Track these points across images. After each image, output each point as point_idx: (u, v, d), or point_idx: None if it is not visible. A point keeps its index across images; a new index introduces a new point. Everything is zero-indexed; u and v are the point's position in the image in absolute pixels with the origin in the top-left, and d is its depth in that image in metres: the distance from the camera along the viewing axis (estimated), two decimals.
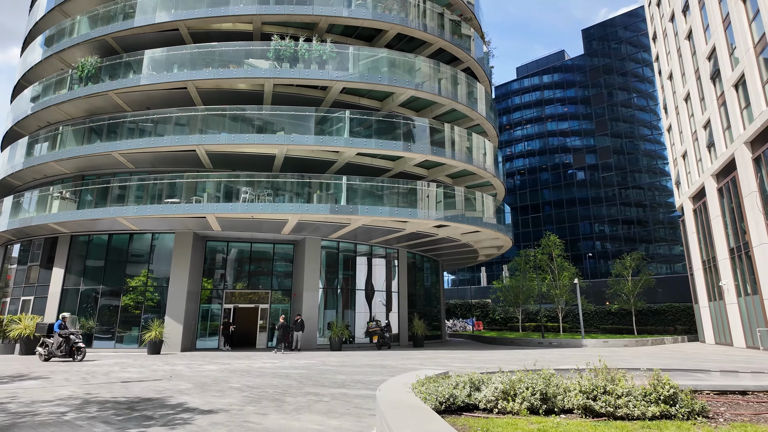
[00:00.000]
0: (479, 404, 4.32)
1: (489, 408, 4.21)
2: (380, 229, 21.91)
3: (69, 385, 8.92)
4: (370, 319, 23.90)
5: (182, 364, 13.56)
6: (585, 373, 4.67)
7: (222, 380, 9.72)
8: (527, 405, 4.14)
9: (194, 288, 21.13)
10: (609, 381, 4.23)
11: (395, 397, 4.38)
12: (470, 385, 4.51)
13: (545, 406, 4.20)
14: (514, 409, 4.10)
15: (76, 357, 15.03)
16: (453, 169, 23.33)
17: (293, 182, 20.45)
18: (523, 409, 4.09)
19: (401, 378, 6.02)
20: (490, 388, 4.29)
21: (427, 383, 4.94)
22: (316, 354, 17.92)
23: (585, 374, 4.58)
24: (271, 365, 13.19)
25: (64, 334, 15.06)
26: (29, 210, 21.51)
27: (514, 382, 4.33)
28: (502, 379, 4.44)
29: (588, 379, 4.26)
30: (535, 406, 4.17)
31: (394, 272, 26.03)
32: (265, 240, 23.39)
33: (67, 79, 22.08)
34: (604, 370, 4.41)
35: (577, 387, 4.22)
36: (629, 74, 57.96)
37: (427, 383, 4.97)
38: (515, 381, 4.33)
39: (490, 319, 43.30)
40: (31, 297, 21.83)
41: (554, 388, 4.30)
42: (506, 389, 4.25)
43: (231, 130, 20.02)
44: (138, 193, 20.15)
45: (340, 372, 11.23)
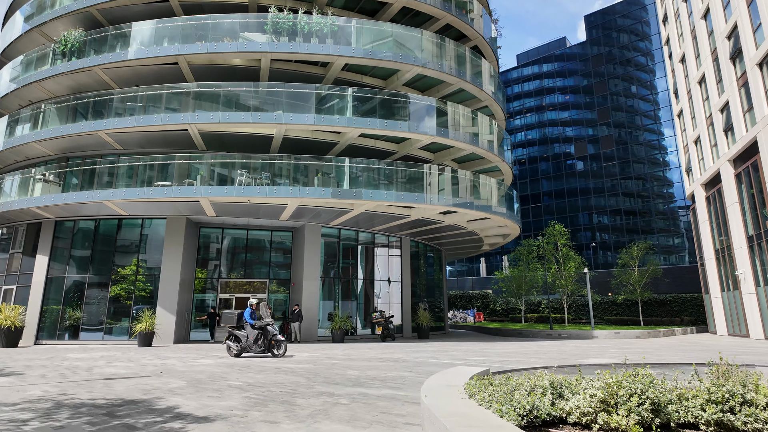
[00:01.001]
0: (568, 417, 3.26)
1: (584, 423, 3.15)
2: (384, 215, 20.80)
3: (43, 383, 7.78)
4: (373, 309, 22.87)
5: (175, 358, 12.45)
6: (690, 373, 3.61)
7: (219, 377, 8.61)
8: (636, 419, 3.07)
9: (187, 277, 19.95)
10: (740, 385, 3.17)
11: (454, 407, 3.30)
12: (551, 391, 3.45)
13: (658, 420, 3.15)
14: (621, 425, 3.04)
15: (276, 352, 12.57)
16: (460, 153, 22.20)
17: (292, 165, 19.24)
18: (632, 424, 3.02)
19: (443, 378, 4.94)
20: (584, 397, 3.22)
21: (488, 387, 3.86)
22: (318, 346, 16.87)
23: (692, 374, 3.52)
24: (272, 359, 12.10)
25: (259, 325, 12.50)
26: (11, 194, 20.16)
27: (612, 387, 3.25)
28: (596, 383, 3.36)
29: (713, 383, 3.21)
30: (646, 419, 3.11)
31: (396, 261, 24.97)
32: (262, 227, 22.21)
33: (49, 55, 20.59)
34: (734, 369, 3.36)
35: (702, 395, 3.16)
36: (632, 63, 56.92)
37: (486, 387, 3.88)
38: (614, 385, 3.25)
39: (491, 310, 42.50)
40: (14, 286, 20.55)
41: (666, 394, 3.24)
42: (605, 397, 3.18)
43: (226, 108, 18.70)
44: (127, 176, 18.86)
45: (350, 367, 10.16)
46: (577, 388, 3.45)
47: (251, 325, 12.52)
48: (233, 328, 12.82)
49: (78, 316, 19.39)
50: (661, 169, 54.73)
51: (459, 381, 4.53)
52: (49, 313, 19.59)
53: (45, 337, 19.28)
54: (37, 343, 19.03)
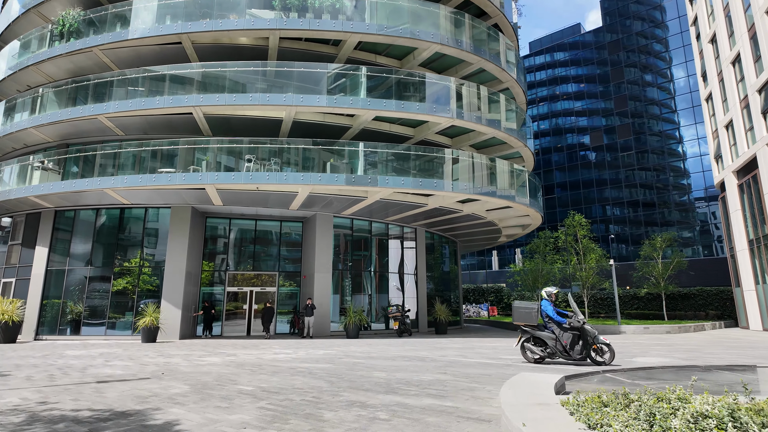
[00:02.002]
0: None
1: None
2: (399, 204, 19.62)
3: (26, 388, 6.74)
4: (388, 303, 21.78)
5: (179, 356, 11.42)
6: None
7: (228, 379, 7.53)
8: None
9: (194, 269, 18.94)
10: None
11: None
12: (733, 424, 2.29)
13: None
14: None
15: (600, 359, 9.32)
16: (479, 138, 20.92)
17: (303, 150, 18.10)
18: None
19: (522, 391, 3.78)
20: None
21: (601, 408, 2.69)
22: (332, 342, 15.79)
23: None
24: (284, 357, 11.03)
25: (573, 324, 9.41)
26: (9, 183, 19.22)
27: None
28: None
29: None
30: None
31: (411, 253, 23.82)
32: (272, 217, 21.14)
33: (47, 36, 19.54)
34: None
35: None
36: (649, 50, 55.03)
37: (600, 408, 2.72)
38: None
39: (505, 304, 41.34)
40: (13, 279, 19.66)
41: None
42: None
43: (232, 90, 17.55)
44: (129, 163, 17.82)
45: (374, 368, 9.04)
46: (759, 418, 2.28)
47: (560, 323, 9.58)
48: (532, 328, 9.89)
49: (79, 310, 18.48)
50: (678, 159, 52.99)
51: (546, 395, 3.38)
52: (50, 307, 18.69)
53: (46, 332, 18.39)
54: (37, 338, 18.15)
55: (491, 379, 7.46)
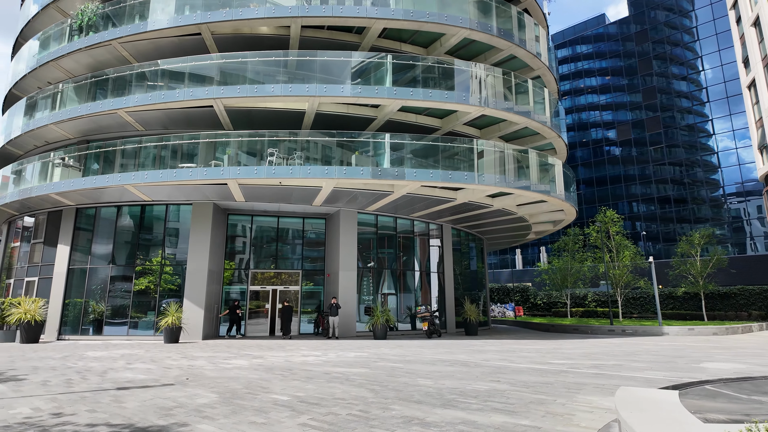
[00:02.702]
0: None
1: None
2: (426, 199, 18.74)
3: (40, 395, 6.09)
4: (416, 303, 20.93)
5: (203, 358, 10.77)
6: None
7: (259, 386, 6.78)
8: None
9: (216, 267, 18.40)
10: None
11: None
12: None
13: None
14: None
15: None
16: (510, 129, 19.88)
17: (327, 143, 17.37)
18: None
19: (643, 411, 2.88)
20: None
21: None
22: (360, 343, 15.00)
23: None
24: (315, 360, 10.27)
25: None
26: (30, 180, 18.97)
27: None
28: None
29: None
30: None
31: (438, 251, 22.92)
32: (294, 213, 20.49)
33: (66, 31, 19.24)
34: None
35: None
36: (678, 41, 52.88)
37: None
38: None
39: (531, 304, 40.04)
40: (35, 278, 19.42)
41: None
42: None
43: (253, 82, 16.92)
44: (149, 159, 17.36)
45: (415, 373, 8.20)
46: None
47: None
48: None
49: (102, 309, 18.10)
50: (710, 153, 50.82)
51: (682, 421, 2.46)
52: (72, 306, 18.37)
53: (68, 332, 18.07)
54: (59, 338, 17.84)
55: (555, 388, 6.55)
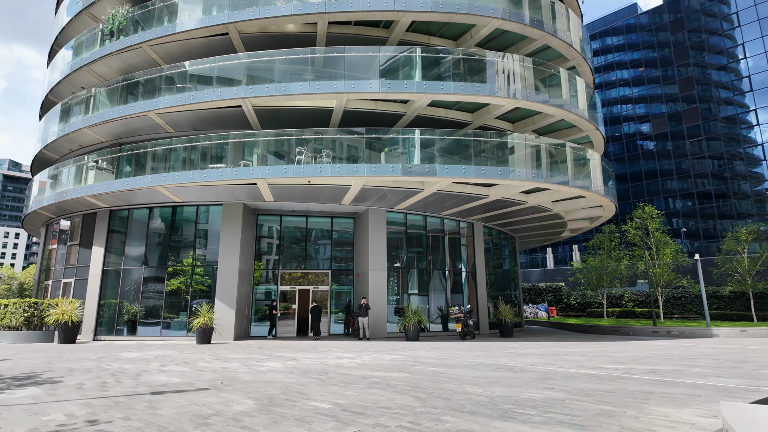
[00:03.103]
0: None
1: None
2: (458, 196, 18.16)
3: (74, 399, 5.90)
4: (447, 303, 20.37)
5: (236, 360, 10.54)
6: None
7: (296, 392, 6.43)
8: None
9: (246, 268, 18.31)
10: None
11: None
12: None
13: None
14: None
15: None
16: (545, 121, 19.08)
17: (356, 141, 17.02)
18: None
19: None
20: None
21: None
22: (393, 345, 14.57)
23: None
24: (350, 362, 9.89)
25: None
26: (66, 184, 19.35)
27: None
28: None
29: None
30: None
31: (469, 249, 22.28)
32: (322, 213, 20.24)
33: (98, 36, 19.55)
34: None
35: None
36: (717, 29, 50.35)
37: None
38: None
39: (564, 304, 38.78)
40: (72, 279, 19.80)
41: None
42: None
43: (281, 80, 16.73)
44: (180, 160, 17.41)
45: (458, 379, 7.70)
46: None
47: None
48: None
49: (135, 310, 18.27)
50: (753, 145, 48.20)
51: None
52: (107, 307, 18.61)
53: (104, 333, 18.31)
54: (95, 338, 18.09)
55: (618, 398, 5.95)
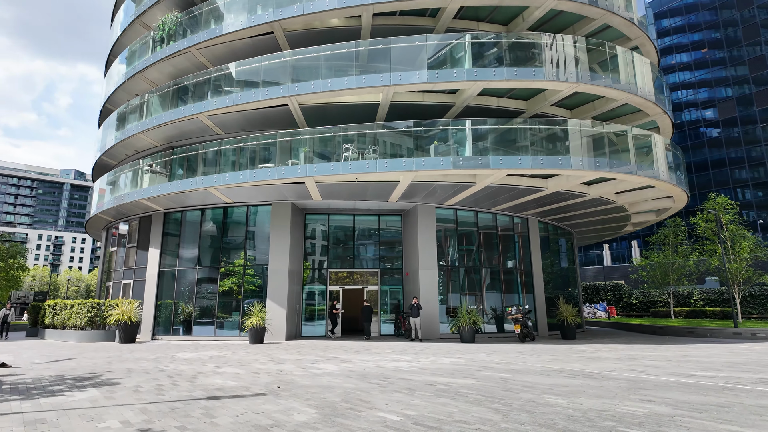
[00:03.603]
0: None
1: None
2: (512, 189, 17.15)
3: (130, 404, 5.65)
4: (502, 303, 19.36)
5: (290, 361, 10.22)
6: None
7: (359, 399, 5.90)
8: None
9: (296, 267, 18.17)
10: None
11: None
12: None
13: None
14: None
15: None
16: (607, 106, 17.70)
17: (403, 135, 16.41)
18: None
19: None
20: None
21: None
22: (449, 347, 13.84)
23: None
24: (408, 366, 9.30)
25: None
26: (123, 188, 20.03)
27: None
28: None
29: None
30: None
31: (524, 246, 21.12)
32: (369, 211, 19.81)
33: (149, 44, 20.11)
34: None
35: None
36: None
37: None
38: None
39: (625, 304, 36.38)
40: (131, 280, 20.47)
41: None
42: None
43: (326, 77, 16.42)
44: (229, 161, 17.50)
45: (533, 386, 6.91)
46: None
47: None
48: None
49: (190, 310, 18.58)
50: None
51: None
52: (164, 307, 19.06)
53: (161, 332, 18.75)
54: (153, 338, 18.55)
55: (740, 415, 4.98)
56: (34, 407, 5.48)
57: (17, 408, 5.41)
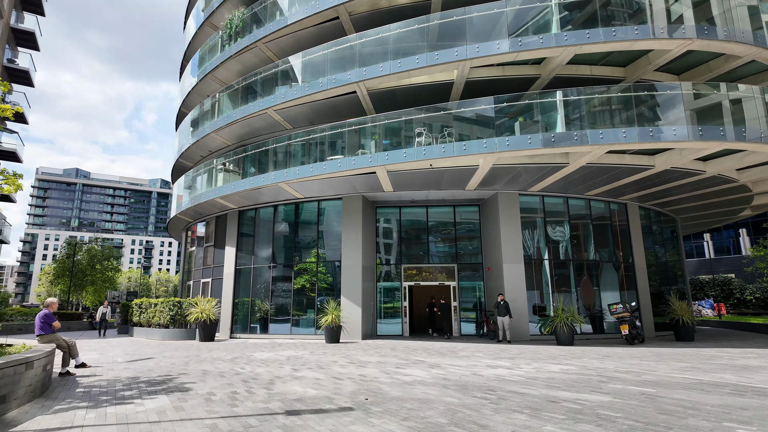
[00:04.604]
0: None
1: None
2: (611, 170, 14.96)
3: (200, 417, 4.83)
4: (599, 300, 17.13)
5: (372, 364, 9.18)
6: None
7: (469, 420, 4.63)
8: None
9: (369, 263, 17.29)
10: None
11: None
12: None
13: None
14: None
15: None
16: (725, 66, 14.89)
17: (483, 112, 14.85)
18: None
19: None
20: None
21: None
22: (547, 351, 12.14)
23: None
24: (509, 373, 7.87)
25: None
26: (200, 188, 20.35)
27: None
28: None
29: None
30: None
31: (622, 236, 18.63)
32: (444, 202, 18.45)
33: (218, 43, 20.24)
34: None
35: None
36: None
37: None
38: None
39: (737, 300, 31.71)
40: (209, 279, 20.77)
41: None
42: None
43: (395, 58, 15.29)
44: (299, 155, 16.97)
45: (699, 408, 5.23)
46: None
47: None
48: None
49: (266, 308, 18.38)
50: None
51: None
52: (241, 305, 19.06)
53: (239, 330, 18.75)
54: (232, 336, 18.58)
55: None
56: (98, 419, 4.83)
57: (80, 420, 4.79)
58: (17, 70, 26.95)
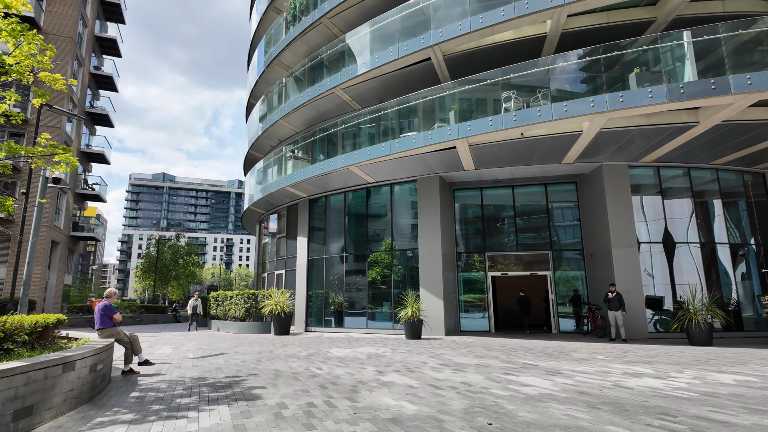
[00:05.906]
0: None
1: None
2: (754, 129, 11.93)
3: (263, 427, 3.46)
4: (738, 290, 14.04)
5: (471, 368, 7.51)
6: None
7: None
8: None
9: (448, 251, 15.58)
10: None
11: None
12: None
13: None
14: None
15: None
16: None
17: (586, 66, 12.46)
18: None
19: None
20: None
21: None
22: (688, 352, 9.69)
23: None
24: (663, 385, 5.83)
25: None
26: (270, 178, 19.80)
27: None
28: None
29: None
30: None
31: (761, 212, 15.20)
32: (533, 180, 16.19)
33: (282, 26, 19.48)
34: None
35: None
36: None
37: None
38: None
39: None
40: (282, 271, 20.20)
41: None
42: None
43: (474, 14, 13.34)
44: (368, 136, 15.62)
45: None
46: None
47: None
48: None
49: (340, 300, 17.35)
50: None
51: None
52: (315, 297, 18.22)
53: (314, 324, 17.92)
54: (307, 329, 17.79)
55: None
56: None
57: None
58: (102, 76, 28.40)
